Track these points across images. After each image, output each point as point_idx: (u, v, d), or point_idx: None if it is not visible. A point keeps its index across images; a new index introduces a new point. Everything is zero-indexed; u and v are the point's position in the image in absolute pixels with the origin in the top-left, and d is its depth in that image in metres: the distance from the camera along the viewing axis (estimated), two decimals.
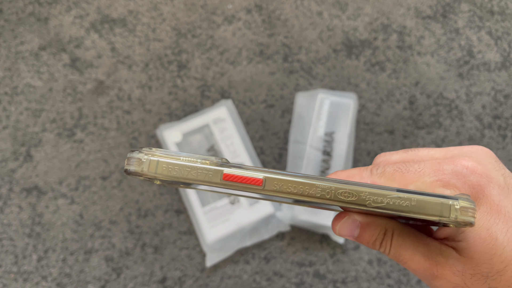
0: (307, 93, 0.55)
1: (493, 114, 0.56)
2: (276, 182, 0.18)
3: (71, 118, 0.55)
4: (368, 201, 0.18)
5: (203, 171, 0.19)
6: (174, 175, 0.19)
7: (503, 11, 0.60)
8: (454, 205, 0.18)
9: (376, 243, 0.22)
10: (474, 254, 0.20)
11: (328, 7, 0.60)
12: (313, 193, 0.18)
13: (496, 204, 0.20)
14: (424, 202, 0.18)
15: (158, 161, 0.19)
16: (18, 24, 0.59)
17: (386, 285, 0.50)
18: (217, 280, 0.50)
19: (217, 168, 0.19)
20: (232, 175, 0.18)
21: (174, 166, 0.19)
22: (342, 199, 0.18)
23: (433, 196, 0.18)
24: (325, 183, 0.18)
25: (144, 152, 0.19)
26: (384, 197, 0.18)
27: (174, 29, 0.59)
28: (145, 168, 0.19)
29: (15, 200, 0.53)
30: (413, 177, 0.21)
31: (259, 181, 0.18)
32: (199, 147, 0.54)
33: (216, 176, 0.18)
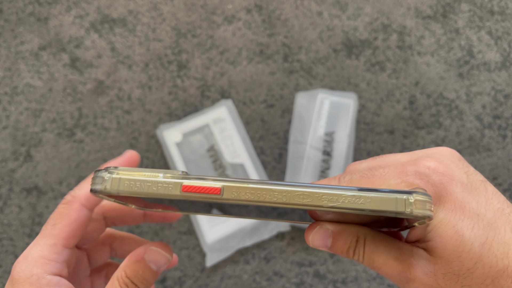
0: (307, 93, 0.55)
1: (493, 114, 0.56)
2: (234, 190, 0.19)
3: (71, 118, 0.55)
4: (324, 201, 0.18)
5: (163, 184, 0.19)
6: (135, 191, 0.19)
7: (503, 11, 0.60)
8: (408, 199, 0.18)
9: (350, 251, 0.22)
10: (443, 252, 0.20)
11: (328, 7, 0.60)
12: (270, 198, 0.18)
13: (460, 201, 0.20)
14: (379, 199, 0.18)
15: (120, 178, 0.19)
16: (18, 24, 0.59)
17: (386, 285, 0.50)
18: (217, 280, 0.50)
19: (177, 181, 0.19)
20: (190, 186, 0.19)
21: (135, 182, 0.19)
22: (298, 201, 0.18)
23: (387, 192, 0.18)
24: (282, 187, 0.18)
25: (108, 171, 0.19)
26: (339, 196, 0.18)
27: (174, 29, 0.59)
28: (107, 186, 0.19)
29: (15, 200, 0.53)
30: (378, 181, 0.21)
31: (217, 189, 0.19)
32: (199, 147, 0.54)
33: (175, 189, 0.19)
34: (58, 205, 0.24)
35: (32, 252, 0.22)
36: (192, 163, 0.53)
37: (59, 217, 0.23)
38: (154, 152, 0.55)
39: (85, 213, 0.24)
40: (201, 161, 0.53)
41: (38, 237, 0.23)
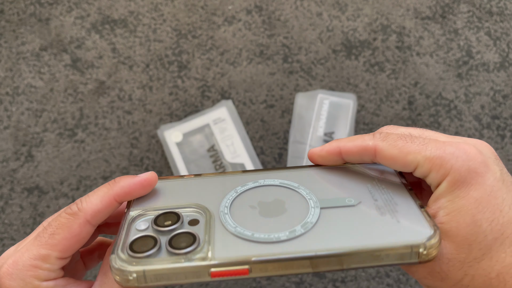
0: (307, 94, 0.55)
1: (492, 114, 0.56)
2: (262, 268, 0.19)
3: (72, 118, 0.56)
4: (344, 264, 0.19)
5: (190, 270, 0.19)
6: (164, 283, 0.19)
7: (502, 12, 0.60)
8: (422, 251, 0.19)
9: None
10: (455, 238, 0.20)
11: (327, 8, 0.60)
12: (297, 270, 0.19)
13: (488, 194, 0.20)
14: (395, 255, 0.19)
15: (144, 271, 0.19)
16: (19, 25, 0.59)
17: (385, 284, 0.50)
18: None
19: (204, 266, 0.19)
20: (219, 272, 0.19)
21: (162, 275, 0.19)
22: (322, 269, 0.19)
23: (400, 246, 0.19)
24: (305, 259, 0.19)
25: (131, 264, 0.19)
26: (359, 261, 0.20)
27: (175, 29, 0.59)
28: (135, 284, 0.19)
29: (16, 200, 0.53)
30: (415, 148, 0.21)
31: (245, 271, 0.19)
32: (199, 147, 0.54)
33: (204, 275, 0.19)
34: (62, 213, 0.23)
35: (23, 259, 0.22)
36: (192, 163, 0.53)
37: (60, 228, 0.22)
38: (155, 152, 0.55)
39: (87, 229, 0.23)
40: (201, 161, 0.53)
41: (32, 243, 0.22)
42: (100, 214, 0.23)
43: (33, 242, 0.22)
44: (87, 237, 0.23)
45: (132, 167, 0.54)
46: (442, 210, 0.21)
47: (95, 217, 0.23)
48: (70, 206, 0.23)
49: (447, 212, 0.21)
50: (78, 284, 0.23)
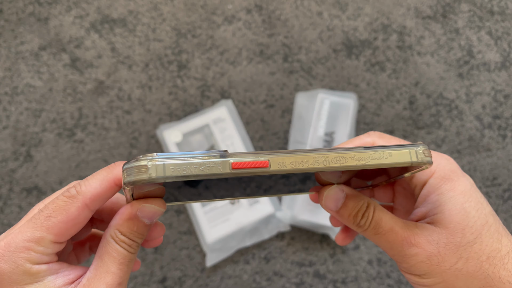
0: (307, 93, 0.55)
1: (493, 114, 0.56)
2: (280, 161, 0.20)
3: (71, 118, 0.55)
4: (356, 160, 0.21)
5: (210, 164, 0.19)
6: (184, 174, 0.19)
7: (503, 11, 0.60)
8: (418, 150, 0.21)
9: (359, 214, 0.23)
10: (449, 224, 0.23)
11: (328, 7, 0.60)
12: (313, 164, 0.20)
13: (469, 189, 0.24)
14: (398, 153, 0.21)
15: (164, 164, 0.19)
16: (18, 24, 0.59)
17: (386, 285, 0.50)
18: (217, 280, 0.50)
19: (224, 160, 0.19)
20: (240, 162, 0.19)
21: (181, 166, 0.19)
22: (338, 164, 0.20)
23: (401, 146, 0.21)
24: (319, 153, 0.20)
25: (143, 159, 0.19)
26: (367, 155, 0.21)
27: (174, 29, 0.59)
28: (153, 174, 0.18)
29: (15, 200, 0.53)
30: None
31: (265, 163, 0.19)
32: (199, 147, 0.54)
33: (225, 167, 0.19)
34: (60, 195, 0.22)
35: (17, 240, 0.21)
36: None
37: (57, 211, 0.21)
38: (155, 152, 0.55)
39: (85, 214, 0.22)
40: None
41: (27, 225, 0.21)
42: (99, 198, 0.22)
43: (28, 224, 0.21)
44: (84, 222, 0.23)
45: None
46: (433, 204, 0.24)
47: (94, 201, 0.22)
48: (68, 189, 0.22)
49: (438, 204, 0.24)
50: (72, 268, 0.22)
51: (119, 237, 0.22)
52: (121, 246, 0.22)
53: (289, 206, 0.51)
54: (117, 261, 0.22)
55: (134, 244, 0.22)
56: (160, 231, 0.26)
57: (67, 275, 0.22)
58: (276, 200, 0.52)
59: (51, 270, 0.22)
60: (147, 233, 0.23)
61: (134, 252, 0.22)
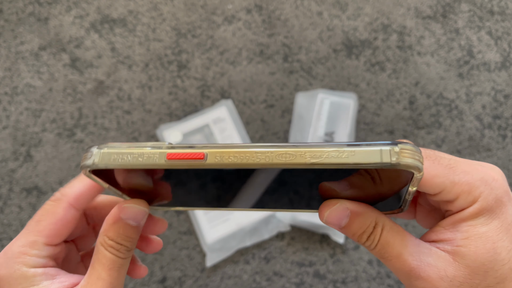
0: (307, 93, 0.55)
1: (493, 114, 0.56)
2: (218, 155, 0.18)
3: (71, 118, 0.55)
4: (307, 158, 0.17)
5: (149, 155, 0.19)
6: (122, 163, 0.19)
7: (503, 11, 0.60)
8: (393, 149, 0.17)
9: (364, 236, 0.21)
10: (472, 262, 0.20)
11: (328, 7, 0.60)
12: (253, 160, 0.18)
13: (508, 223, 0.20)
14: (363, 152, 0.17)
15: (109, 152, 0.19)
16: (18, 24, 0.59)
17: (386, 285, 0.50)
18: (217, 280, 0.50)
19: (162, 151, 0.19)
20: (175, 153, 0.19)
21: (122, 155, 0.19)
22: (282, 161, 0.18)
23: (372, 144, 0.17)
24: (265, 149, 0.18)
25: (98, 146, 0.19)
26: (322, 152, 0.17)
27: (174, 29, 0.59)
28: (96, 160, 0.19)
29: (15, 200, 0.53)
30: (443, 171, 0.20)
31: (200, 155, 0.18)
32: None
33: (161, 158, 0.19)
34: (46, 201, 0.24)
35: (13, 248, 0.22)
36: None
37: (45, 214, 0.23)
38: None
39: (72, 213, 0.23)
40: None
41: (21, 233, 0.23)
42: (83, 196, 0.23)
43: (22, 232, 0.23)
44: (73, 221, 0.24)
45: None
46: (461, 234, 0.20)
47: (78, 200, 0.23)
48: (54, 193, 0.24)
49: (467, 236, 0.20)
50: (69, 276, 0.23)
51: (107, 242, 0.22)
52: (109, 251, 0.22)
53: None
54: (107, 267, 0.22)
55: (123, 248, 0.22)
56: (161, 227, 0.26)
57: (63, 282, 0.22)
58: None
59: (47, 275, 0.22)
60: (137, 235, 0.23)
61: (124, 257, 0.22)
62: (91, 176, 0.20)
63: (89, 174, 0.20)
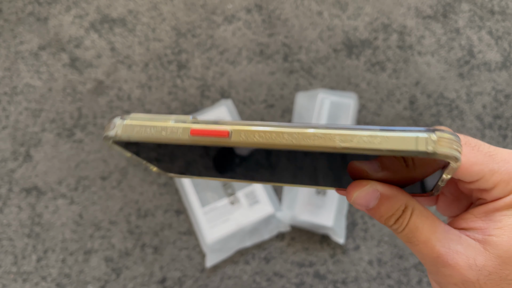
0: (307, 93, 0.55)
1: (494, 114, 0.56)
2: (243, 133, 0.18)
3: (71, 118, 0.55)
4: (336, 141, 0.17)
5: (172, 129, 0.18)
6: (145, 136, 0.18)
7: (503, 11, 0.60)
8: (430, 137, 0.16)
9: (392, 219, 0.20)
10: (504, 253, 0.19)
11: (328, 6, 0.60)
12: (280, 140, 0.17)
13: None
14: (398, 138, 0.16)
15: (131, 124, 0.19)
16: (17, 24, 0.59)
17: (386, 285, 0.50)
18: (217, 280, 0.50)
19: (186, 125, 0.18)
20: (198, 129, 0.18)
21: (145, 128, 0.18)
22: (309, 143, 0.17)
23: (408, 130, 0.16)
24: (293, 129, 0.17)
25: (121, 117, 0.19)
26: (353, 136, 0.16)
27: (174, 29, 0.59)
28: (118, 132, 0.19)
29: (15, 200, 0.53)
30: (483, 158, 0.20)
31: (225, 132, 0.18)
32: None
33: (184, 133, 0.18)
34: None
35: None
36: None
37: None
38: None
39: None
40: None
41: None
42: None
43: None
44: None
45: (130, 167, 0.54)
46: (494, 223, 0.20)
47: None
48: None
49: (500, 226, 0.20)
50: None
51: None
52: None
53: (289, 206, 0.51)
54: None
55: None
56: None
57: None
58: (276, 200, 0.52)
59: None
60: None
61: None
62: (114, 146, 0.20)
63: (112, 144, 0.20)
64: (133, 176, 0.53)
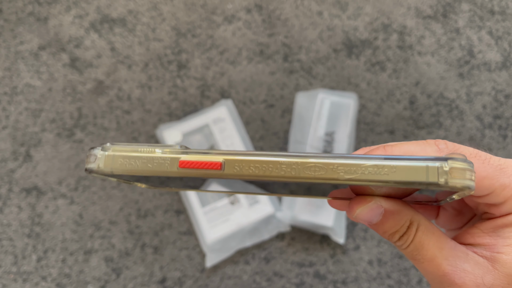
0: (307, 93, 0.55)
1: (494, 114, 0.56)
2: (237, 164, 0.16)
3: (71, 118, 0.55)
4: (340, 173, 0.16)
5: (159, 160, 0.17)
6: (129, 169, 0.17)
7: (503, 11, 0.60)
8: (442, 168, 0.15)
9: (396, 235, 0.19)
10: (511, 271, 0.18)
11: (328, 6, 0.60)
12: (277, 172, 0.16)
13: None
14: (406, 168, 0.15)
15: (114, 156, 0.17)
16: (17, 24, 0.59)
17: (386, 285, 0.50)
18: (217, 280, 0.50)
19: (174, 156, 0.17)
20: (188, 161, 0.17)
21: (129, 160, 0.17)
22: (309, 175, 0.16)
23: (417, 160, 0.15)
24: (291, 159, 0.16)
25: (102, 147, 0.18)
26: (358, 167, 0.15)
27: (174, 29, 0.59)
28: (100, 165, 0.17)
29: (15, 200, 0.53)
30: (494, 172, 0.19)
31: (217, 164, 0.16)
32: (199, 147, 0.53)
33: (172, 165, 0.17)
34: None
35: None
36: None
37: None
38: None
39: None
40: None
41: None
42: None
43: None
44: None
45: None
46: (503, 240, 0.19)
47: None
48: None
49: (510, 243, 0.19)
50: None
51: None
52: None
53: (289, 206, 0.51)
54: None
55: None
56: None
57: None
58: (276, 200, 0.52)
59: None
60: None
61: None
62: (98, 176, 0.19)
63: (95, 175, 0.19)
64: None
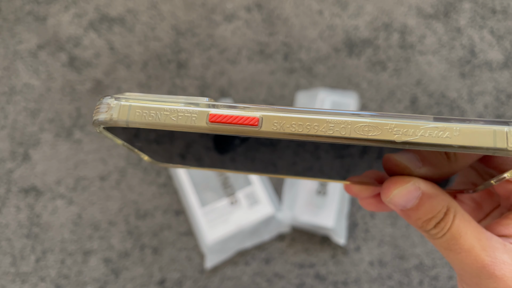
0: (307, 93, 0.55)
1: (495, 113, 0.56)
2: (276, 121, 0.14)
3: (70, 118, 0.55)
4: (396, 134, 0.14)
5: (185, 113, 0.15)
6: (149, 121, 0.15)
7: (505, 10, 0.59)
8: (511, 131, 0.13)
9: (431, 222, 0.18)
10: None
11: (328, 6, 0.59)
12: (324, 131, 0.14)
13: None
14: (471, 131, 0.13)
15: (130, 106, 0.15)
16: (16, 23, 0.59)
17: (387, 286, 0.50)
18: (217, 281, 0.50)
19: (202, 110, 0.15)
20: (220, 115, 0.15)
21: (149, 110, 0.15)
22: (363, 136, 0.14)
23: (482, 122, 0.13)
24: (341, 117, 0.14)
25: (115, 97, 0.16)
26: (417, 128, 0.14)
27: (174, 28, 0.59)
28: (114, 115, 0.15)
29: (13, 200, 0.52)
30: None
31: (254, 119, 0.14)
32: None
33: (201, 119, 0.15)
34: None
35: None
36: None
37: None
38: None
39: None
40: None
41: None
42: None
43: None
44: None
45: (130, 167, 0.53)
46: None
47: None
48: None
49: None
50: None
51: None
52: None
53: (289, 207, 0.51)
54: None
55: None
56: None
57: None
58: (276, 200, 0.52)
59: None
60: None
61: None
62: (104, 133, 0.17)
63: (103, 130, 0.16)
64: (132, 176, 0.53)
